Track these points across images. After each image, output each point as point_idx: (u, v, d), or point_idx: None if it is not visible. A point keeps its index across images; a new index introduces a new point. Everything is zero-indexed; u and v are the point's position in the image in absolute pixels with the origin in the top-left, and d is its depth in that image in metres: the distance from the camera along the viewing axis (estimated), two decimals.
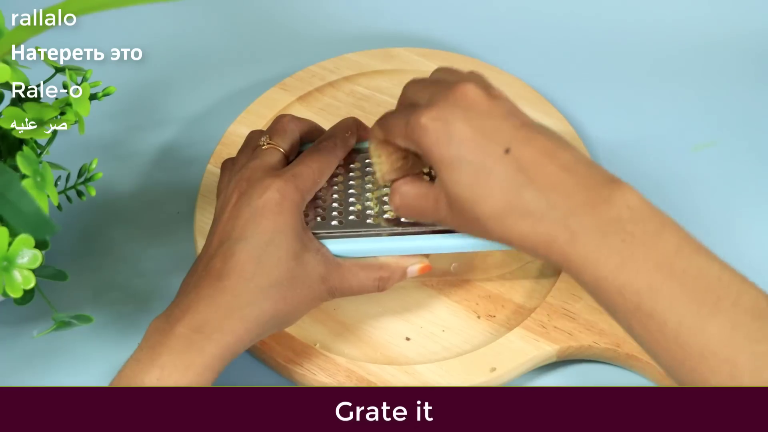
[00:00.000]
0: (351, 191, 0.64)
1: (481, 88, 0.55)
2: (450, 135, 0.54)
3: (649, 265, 0.51)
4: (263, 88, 0.80)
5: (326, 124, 0.77)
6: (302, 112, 0.78)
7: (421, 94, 0.57)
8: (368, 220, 0.62)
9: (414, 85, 0.59)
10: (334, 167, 0.63)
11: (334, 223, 0.62)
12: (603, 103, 0.81)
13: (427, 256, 0.63)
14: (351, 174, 0.65)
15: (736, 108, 0.81)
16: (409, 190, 0.59)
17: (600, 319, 0.65)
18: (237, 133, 0.76)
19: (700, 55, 0.84)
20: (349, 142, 0.64)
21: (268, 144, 0.63)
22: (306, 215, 0.62)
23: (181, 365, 0.54)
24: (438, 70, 0.61)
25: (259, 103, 0.78)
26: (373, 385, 0.63)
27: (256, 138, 0.64)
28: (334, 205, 0.63)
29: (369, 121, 0.77)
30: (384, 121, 0.59)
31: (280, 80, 0.80)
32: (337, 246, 0.61)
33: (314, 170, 0.61)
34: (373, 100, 0.79)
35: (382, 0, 0.89)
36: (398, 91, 0.78)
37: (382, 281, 0.61)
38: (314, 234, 0.61)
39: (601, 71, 0.84)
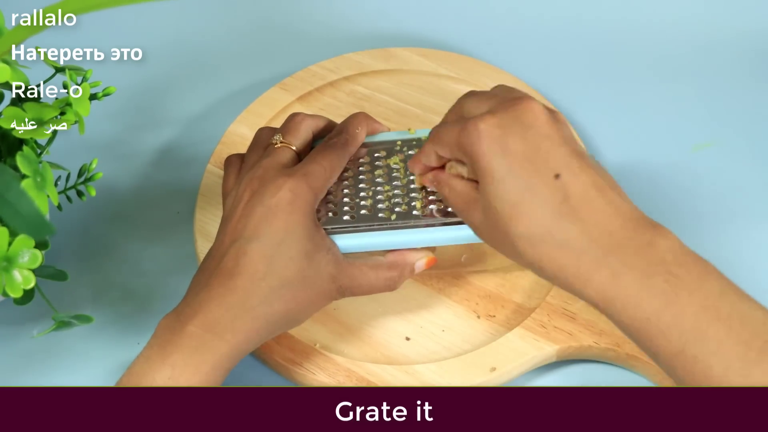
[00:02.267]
0: (361, 185, 0.64)
1: (545, 108, 0.55)
2: (505, 146, 0.53)
3: (695, 307, 0.50)
4: (263, 88, 0.80)
5: None
6: (302, 111, 0.78)
7: (480, 105, 0.57)
8: (380, 214, 0.62)
9: (472, 97, 0.59)
10: (344, 164, 0.63)
11: (345, 218, 0.62)
12: (603, 103, 0.81)
13: (433, 250, 0.63)
14: (361, 168, 0.65)
15: (736, 108, 0.81)
16: (457, 186, 0.58)
17: (600, 319, 0.65)
18: (237, 133, 0.76)
19: (700, 55, 0.84)
20: (359, 138, 0.64)
21: (281, 143, 0.63)
22: (318, 211, 0.62)
23: (193, 364, 0.54)
24: (499, 87, 0.60)
25: (259, 103, 0.78)
26: (373, 385, 0.63)
27: (267, 136, 0.64)
28: (345, 200, 0.63)
29: None
30: (436, 131, 0.59)
31: (280, 80, 0.80)
32: (349, 241, 0.61)
33: (326, 168, 0.61)
34: (373, 100, 0.79)
35: (382, 0, 0.89)
36: (398, 91, 0.79)
37: (392, 280, 0.61)
38: (326, 229, 0.61)
39: (601, 71, 0.84)
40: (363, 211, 0.63)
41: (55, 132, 0.60)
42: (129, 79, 0.80)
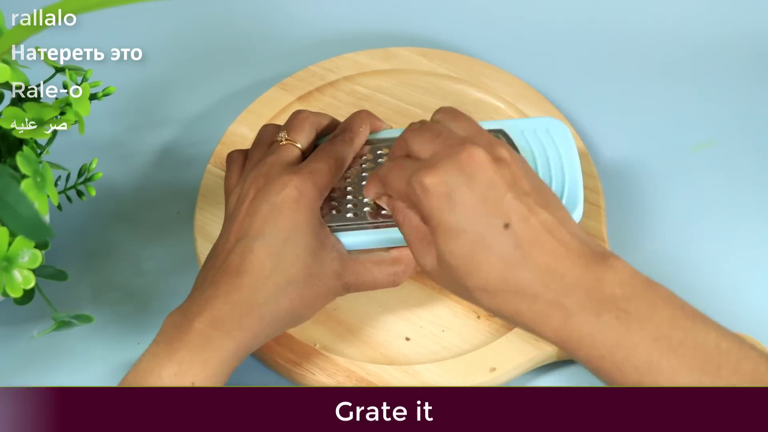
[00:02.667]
0: (364, 183, 0.64)
1: (488, 151, 0.55)
2: (452, 203, 0.54)
3: (647, 341, 0.51)
4: (263, 88, 0.79)
5: None
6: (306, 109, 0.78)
7: (424, 147, 0.57)
8: (383, 211, 0.63)
9: (415, 134, 0.58)
10: (349, 161, 0.63)
11: (349, 215, 0.62)
12: (603, 103, 0.81)
13: None
14: (363, 166, 0.65)
15: (736, 108, 0.81)
16: (413, 220, 0.58)
17: None
18: (237, 133, 0.76)
19: (700, 55, 0.84)
20: (363, 135, 0.65)
21: (286, 140, 0.63)
22: (321, 209, 0.62)
23: (199, 361, 0.54)
24: (441, 113, 0.60)
25: (259, 103, 0.78)
26: (373, 385, 0.63)
27: (271, 133, 0.64)
28: (349, 197, 0.63)
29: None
30: (382, 175, 0.59)
31: (280, 80, 0.80)
32: (353, 238, 0.62)
33: (331, 166, 0.61)
34: (373, 100, 0.79)
35: (382, 0, 0.89)
36: (398, 91, 0.79)
37: (396, 275, 0.62)
38: (329, 227, 0.61)
39: (601, 71, 0.84)
40: (366, 209, 0.63)
41: (55, 132, 0.60)
42: (129, 79, 0.80)
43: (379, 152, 0.66)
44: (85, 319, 0.61)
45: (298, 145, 0.63)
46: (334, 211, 0.63)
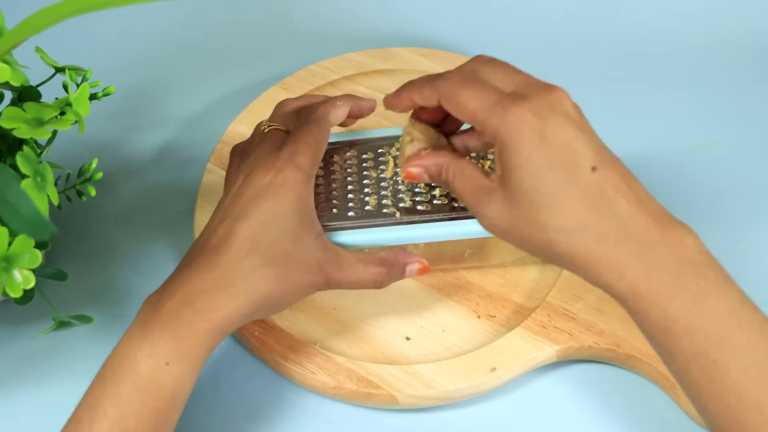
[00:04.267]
0: (365, 181, 0.64)
1: (572, 100, 0.55)
2: (544, 137, 0.52)
3: (721, 311, 0.50)
4: (263, 87, 0.80)
5: None
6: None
7: (504, 80, 0.56)
8: (384, 210, 0.63)
9: (491, 64, 0.57)
10: (328, 135, 0.62)
11: (350, 214, 0.62)
12: (603, 103, 0.81)
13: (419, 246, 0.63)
14: (364, 165, 0.65)
15: (736, 108, 0.81)
16: (465, 167, 0.57)
17: (600, 319, 0.65)
18: (237, 132, 0.76)
19: (700, 55, 0.84)
20: (340, 111, 0.63)
21: (270, 126, 0.63)
22: (322, 207, 0.62)
23: (171, 339, 0.54)
24: (500, 64, 0.58)
25: (259, 103, 0.78)
26: (373, 385, 0.63)
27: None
28: (350, 196, 0.63)
29: (369, 120, 0.77)
30: (451, 87, 0.56)
31: (280, 79, 0.80)
32: (353, 237, 0.62)
33: (310, 144, 0.60)
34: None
35: (382, 0, 0.89)
36: None
37: (380, 276, 0.60)
38: (330, 226, 0.61)
39: (601, 71, 0.84)
40: (368, 207, 0.63)
41: (55, 132, 0.60)
42: (129, 79, 0.81)
43: (380, 151, 0.66)
44: (85, 319, 0.61)
45: (283, 129, 0.63)
46: (335, 210, 0.63)
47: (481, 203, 0.56)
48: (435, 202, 0.63)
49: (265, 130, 0.63)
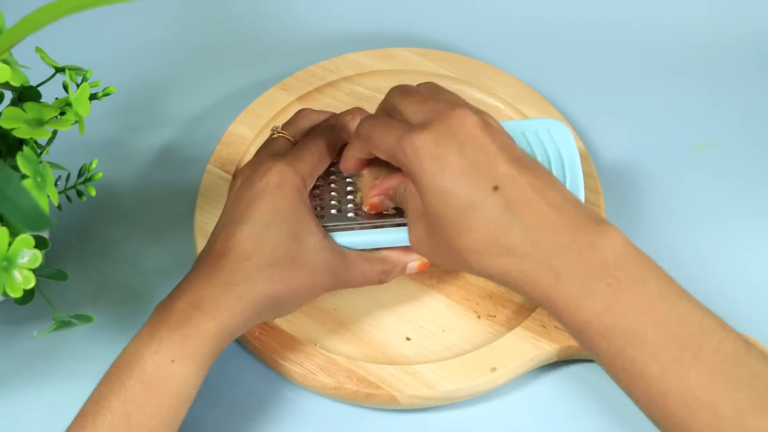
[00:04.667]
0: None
1: (478, 116, 0.55)
2: (443, 166, 0.54)
3: (634, 310, 0.51)
4: (263, 88, 0.79)
5: None
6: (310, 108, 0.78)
7: (413, 110, 0.57)
8: (384, 211, 0.63)
9: (402, 95, 0.59)
10: (335, 150, 0.63)
11: (350, 215, 0.63)
12: (603, 103, 0.81)
13: None
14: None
15: (736, 108, 0.81)
16: (413, 191, 0.57)
17: None
18: (237, 133, 0.76)
19: (700, 55, 0.84)
20: (350, 126, 0.64)
21: (278, 133, 0.64)
22: (321, 209, 0.63)
23: (178, 338, 0.55)
24: (425, 85, 0.61)
25: (258, 103, 0.78)
26: (373, 385, 0.63)
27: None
28: (349, 197, 0.63)
29: None
30: (366, 132, 0.59)
31: (279, 80, 0.80)
32: (353, 238, 0.62)
33: (313, 153, 0.61)
34: (372, 100, 0.79)
35: (382, 0, 0.89)
36: None
37: (384, 274, 0.62)
38: (329, 227, 0.62)
39: (601, 71, 0.84)
40: (333, 210, 0.63)
41: (55, 132, 0.60)
42: (129, 79, 0.81)
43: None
44: (85, 319, 0.61)
45: (290, 138, 0.64)
46: (334, 211, 0.63)
47: (411, 225, 0.58)
48: None
49: (274, 136, 0.64)
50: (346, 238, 0.62)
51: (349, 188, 0.64)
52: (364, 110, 0.66)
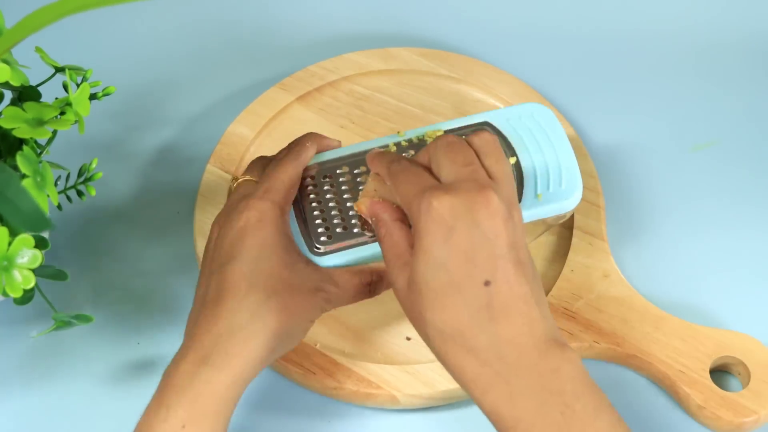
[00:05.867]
0: (349, 204, 0.63)
1: (504, 205, 0.53)
2: (448, 236, 0.52)
3: None
4: (263, 88, 0.79)
5: (326, 124, 0.77)
6: (302, 112, 0.78)
7: (449, 168, 0.55)
8: (356, 229, 0.62)
9: (447, 149, 0.56)
10: (300, 173, 0.62)
11: (356, 230, 0.62)
12: (603, 103, 0.81)
13: None
14: (344, 188, 0.64)
15: (735, 108, 0.81)
16: (395, 233, 0.56)
17: (600, 318, 0.65)
18: (236, 133, 0.76)
19: (700, 55, 0.84)
20: (310, 150, 0.64)
21: (241, 179, 0.63)
22: (327, 228, 0.62)
23: (186, 401, 0.52)
24: (481, 140, 0.57)
25: (258, 103, 0.78)
26: (373, 385, 0.63)
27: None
28: (335, 221, 0.63)
29: (368, 120, 0.77)
30: (395, 171, 0.57)
31: (279, 80, 0.80)
32: (347, 257, 0.61)
33: (284, 181, 0.60)
34: (372, 100, 0.79)
35: (381, 0, 0.89)
36: (398, 92, 0.79)
37: (374, 286, 0.61)
38: (321, 250, 0.61)
39: (601, 71, 0.84)
40: (356, 230, 0.62)
41: (55, 132, 0.60)
42: (129, 79, 0.81)
43: (356, 171, 0.65)
44: (85, 319, 0.61)
45: (254, 179, 0.62)
46: (339, 229, 0.62)
47: (393, 272, 0.55)
48: None
49: (234, 185, 0.63)
50: (344, 258, 0.61)
51: (333, 213, 0.63)
52: (321, 135, 0.66)
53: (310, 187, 0.64)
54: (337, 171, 0.65)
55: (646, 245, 0.72)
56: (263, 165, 0.64)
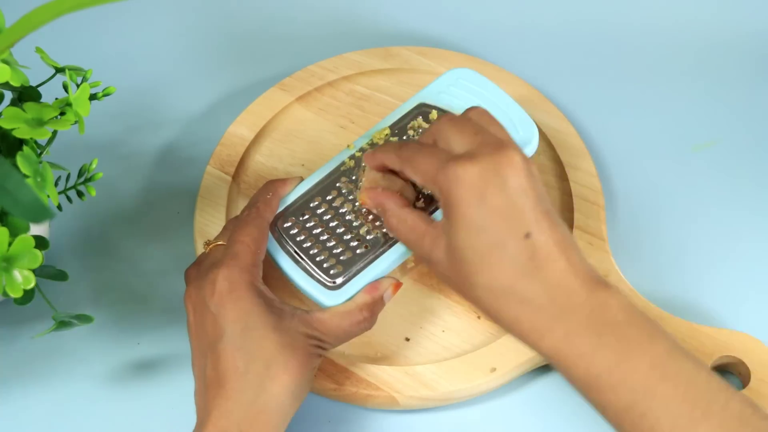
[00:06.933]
0: (339, 230, 0.63)
1: (524, 161, 0.55)
2: (482, 198, 0.54)
3: (645, 365, 0.52)
4: (263, 88, 0.79)
5: (326, 124, 0.77)
6: (302, 111, 0.78)
7: (461, 140, 0.57)
8: (358, 251, 0.62)
9: (451, 124, 0.58)
10: (266, 232, 0.62)
11: (342, 258, 0.62)
12: (603, 103, 0.81)
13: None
14: (326, 217, 0.64)
15: (736, 108, 0.81)
16: (408, 217, 0.58)
17: None
18: (236, 133, 0.76)
19: (700, 55, 0.84)
20: (273, 204, 0.64)
21: (212, 244, 0.63)
22: (332, 265, 0.62)
23: None
24: (475, 113, 0.60)
25: (258, 103, 0.78)
26: (372, 386, 0.63)
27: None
28: (336, 251, 0.63)
29: (369, 120, 0.77)
30: (407, 155, 0.58)
31: (279, 80, 0.80)
32: (347, 292, 0.61)
33: (249, 243, 0.60)
34: (372, 100, 0.79)
35: (381, 0, 0.89)
36: (398, 91, 0.79)
37: (367, 321, 0.61)
38: (341, 282, 0.61)
39: (601, 70, 0.84)
40: (359, 250, 0.62)
41: (55, 132, 0.60)
42: (129, 79, 0.81)
43: (329, 198, 0.65)
44: (85, 319, 0.61)
45: (224, 243, 0.62)
46: (343, 257, 0.62)
47: (425, 250, 0.57)
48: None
49: (206, 250, 0.63)
50: (356, 286, 0.61)
51: (329, 243, 0.63)
52: (278, 179, 0.65)
53: (294, 231, 0.64)
54: (311, 205, 0.65)
55: (647, 245, 0.72)
56: (228, 227, 0.64)
